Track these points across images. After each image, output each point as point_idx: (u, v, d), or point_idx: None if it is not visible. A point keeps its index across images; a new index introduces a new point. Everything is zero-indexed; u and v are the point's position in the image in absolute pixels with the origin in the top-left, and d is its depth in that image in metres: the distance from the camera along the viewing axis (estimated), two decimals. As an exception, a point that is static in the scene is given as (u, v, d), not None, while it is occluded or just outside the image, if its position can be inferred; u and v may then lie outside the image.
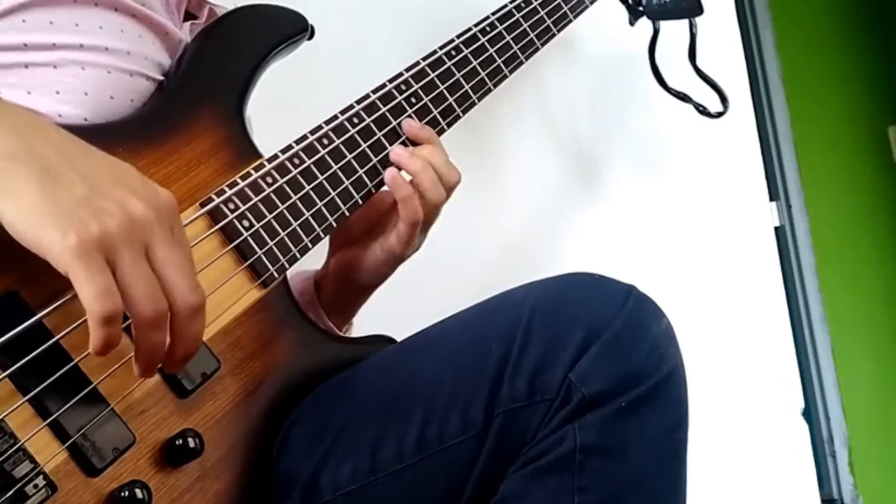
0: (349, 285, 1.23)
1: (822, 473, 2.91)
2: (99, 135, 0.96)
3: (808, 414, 2.12)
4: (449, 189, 1.18)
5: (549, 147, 1.94)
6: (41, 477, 0.81)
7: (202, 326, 0.83)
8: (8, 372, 0.81)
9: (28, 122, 0.81)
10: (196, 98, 1.07)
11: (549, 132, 1.95)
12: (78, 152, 0.82)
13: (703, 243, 2.03)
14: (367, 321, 1.28)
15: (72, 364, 0.85)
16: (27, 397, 0.82)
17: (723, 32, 2.14)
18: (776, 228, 2.20)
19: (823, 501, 2.07)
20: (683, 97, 1.81)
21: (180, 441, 0.90)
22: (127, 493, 0.85)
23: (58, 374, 0.84)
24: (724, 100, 1.80)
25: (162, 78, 1.08)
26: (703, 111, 1.81)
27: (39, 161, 0.77)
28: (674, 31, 1.77)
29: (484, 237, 1.79)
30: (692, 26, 1.77)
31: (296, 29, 1.17)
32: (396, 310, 1.29)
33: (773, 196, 2.19)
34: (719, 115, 1.81)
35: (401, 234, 1.16)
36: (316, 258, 1.12)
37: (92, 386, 0.86)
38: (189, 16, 1.20)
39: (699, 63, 1.77)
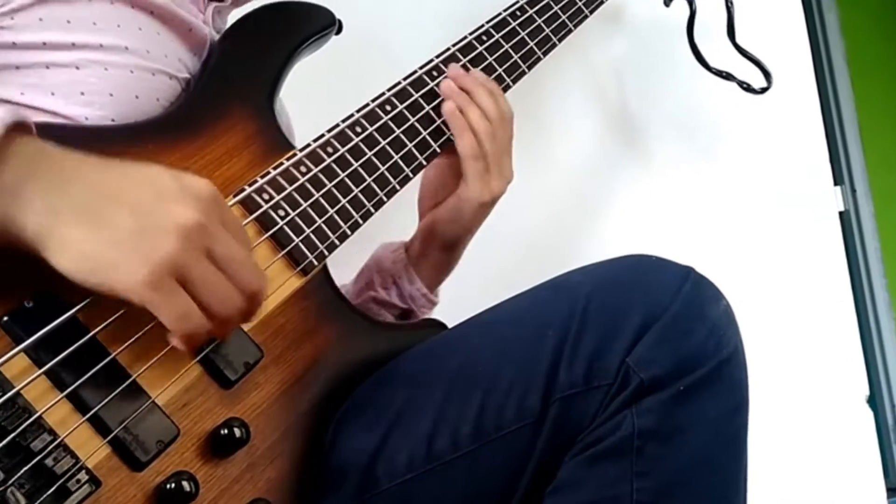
0: (435, 242, 1.22)
1: (888, 462, 2.78)
2: (128, 134, 0.95)
3: (874, 401, 2.02)
4: (504, 115, 1.17)
5: (602, 127, 1.88)
6: (83, 472, 0.78)
7: (258, 306, 0.85)
8: (44, 368, 0.78)
9: (57, 168, 0.78)
10: (226, 93, 1.04)
11: (601, 111, 1.89)
12: (111, 180, 0.79)
13: (765, 228, 1.95)
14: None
15: (109, 358, 0.82)
16: (65, 393, 0.79)
17: (787, 15, 2.07)
18: (841, 213, 2.11)
19: (888, 490, 1.96)
20: (726, 76, 1.74)
21: (225, 430, 0.86)
22: (174, 485, 0.81)
23: (95, 369, 0.81)
24: (766, 75, 1.73)
25: (187, 76, 1.05)
26: (747, 88, 1.73)
27: (80, 206, 0.76)
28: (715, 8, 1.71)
29: (534, 217, 1.73)
30: (729, 3, 1.71)
31: (324, 24, 1.14)
32: (447, 293, 1.24)
33: (837, 180, 2.11)
34: (764, 90, 1.73)
35: (468, 171, 1.15)
36: (355, 247, 1.08)
37: (131, 379, 0.83)
38: None
39: (740, 39, 1.70)
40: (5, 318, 0.79)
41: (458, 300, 1.17)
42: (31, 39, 0.92)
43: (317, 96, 1.22)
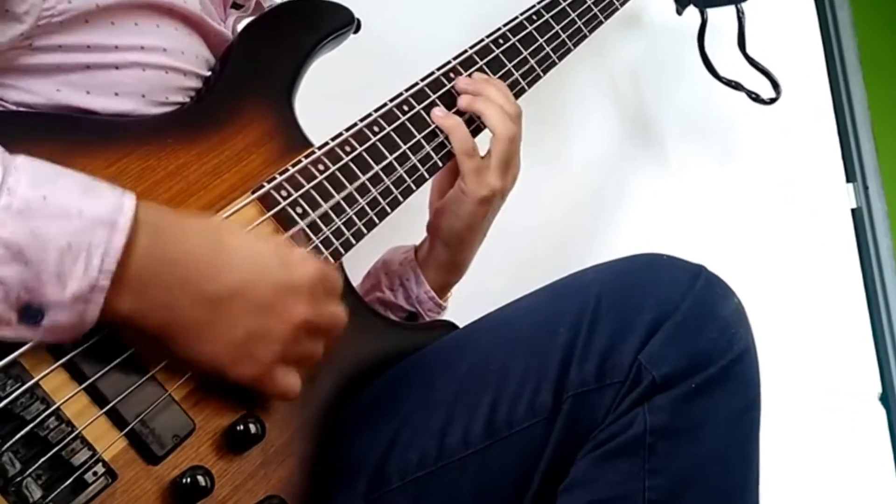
0: (439, 239, 1.20)
1: (900, 460, 2.78)
2: (147, 127, 0.94)
3: (886, 399, 2.02)
4: (510, 113, 1.16)
5: (616, 127, 1.89)
6: (100, 464, 0.77)
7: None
8: (62, 360, 0.78)
9: (192, 262, 0.80)
10: (245, 90, 1.03)
11: (616, 111, 1.89)
12: (235, 277, 0.82)
13: (777, 225, 1.95)
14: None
15: (129, 353, 0.81)
16: (83, 385, 0.78)
17: (799, 13, 2.07)
18: (853, 210, 2.11)
19: (901, 486, 1.97)
20: (735, 85, 1.74)
21: (241, 426, 0.85)
22: (189, 479, 0.80)
23: (114, 363, 0.80)
24: (775, 86, 1.73)
25: (208, 73, 1.04)
26: (755, 98, 1.74)
27: (210, 310, 0.80)
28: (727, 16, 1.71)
29: (547, 217, 1.73)
30: (740, 13, 1.71)
31: (342, 22, 1.13)
32: (460, 291, 1.24)
33: (849, 178, 2.10)
34: (772, 101, 1.73)
35: (462, 167, 1.13)
36: (369, 246, 1.07)
37: (150, 374, 0.82)
38: (235, 6, 1.16)
39: (752, 40, 1.70)
40: (26, 310, 0.78)
41: (470, 299, 1.17)
42: (78, 42, 0.90)
43: (332, 95, 1.22)
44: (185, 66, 0.99)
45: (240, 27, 1.13)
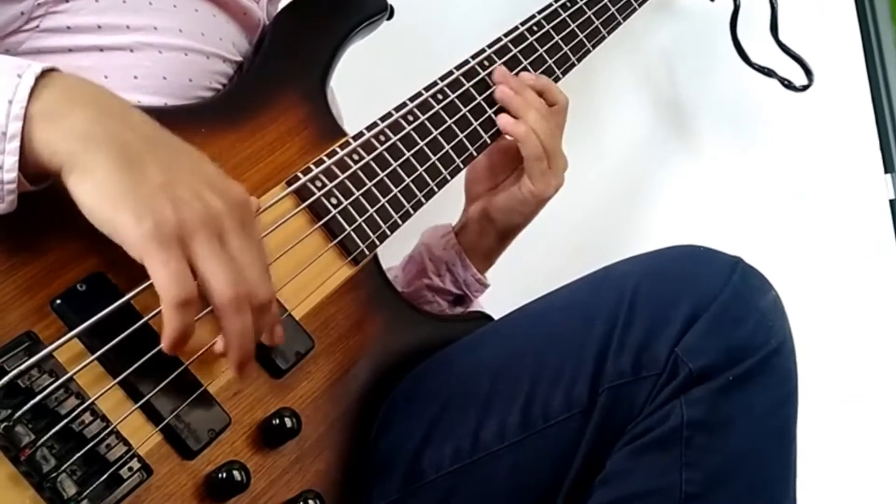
0: (491, 230, 1.20)
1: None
2: (181, 116, 0.92)
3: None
4: (559, 107, 1.16)
5: (651, 116, 1.85)
6: (135, 460, 0.75)
7: (270, 323, 0.78)
8: (97, 354, 0.76)
9: (110, 104, 0.76)
10: (278, 78, 1.01)
11: (650, 100, 1.86)
12: (158, 138, 0.76)
13: (815, 216, 1.91)
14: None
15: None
16: (117, 380, 0.76)
17: (837, 3, 2.02)
18: (891, 201, 2.07)
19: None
20: (768, 72, 1.70)
21: (277, 421, 0.83)
22: (225, 474, 0.79)
23: (148, 356, 0.78)
24: (808, 73, 1.70)
25: (240, 59, 1.02)
26: (788, 85, 1.70)
27: (120, 145, 0.72)
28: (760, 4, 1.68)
29: (582, 208, 1.70)
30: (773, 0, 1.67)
31: (376, 9, 1.10)
32: (494, 286, 1.22)
33: (887, 168, 2.06)
34: (805, 88, 1.70)
35: (532, 171, 1.13)
36: (403, 236, 1.05)
37: (183, 367, 0.80)
38: None
39: (789, 28, 1.67)
40: (58, 302, 0.76)
41: (506, 291, 1.15)
42: (87, 22, 0.88)
43: (366, 83, 1.19)
44: (206, 47, 0.97)
45: (272, 3, 1.11)
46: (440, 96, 1.08)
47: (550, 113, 1.14)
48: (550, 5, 1.24)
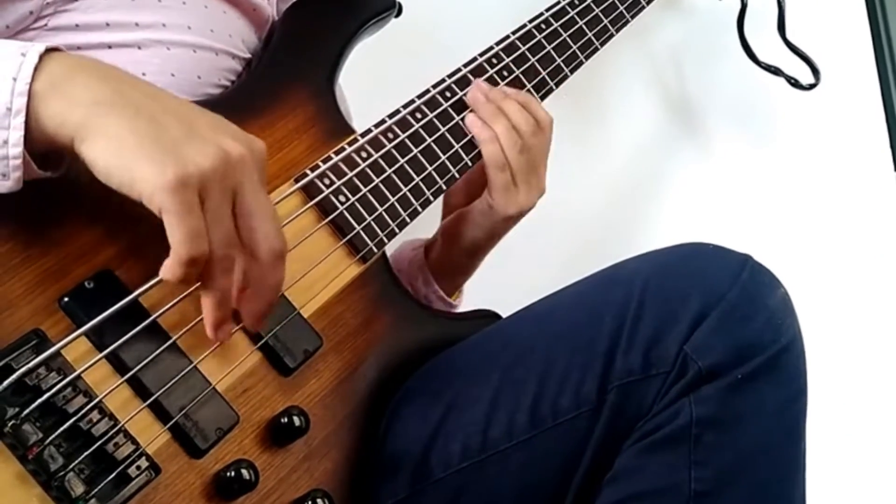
0: (456, 245, 1.16)
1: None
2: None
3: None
4: (540, 125, 1.09)
5: (659, 113, 1.84)
6: (143, 458, 0.74)
7: (282, 275, 0.76)
8: (105, 352, 0.75)
9: (115, 73, 0.74)
10: (286, 75, 1.00)
11: (658, 97, 1.85)
12: (169, 98, 0.75)
13: (824, 214, 1.90)
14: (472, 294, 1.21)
15: (169, 343, 0.78)
16: (125, 377, 0.75)
17: (845, 1, 2.01)
18: (900, 199, 2.07)
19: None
20: (775, 70, 1.70)
21: (285, 419, 0.82)
22: (233, 473, 0.78)
23: (156, 354, 0.77)
24: (815, 72, 1.69)
25: (249, 55, 1.01)
26: (794, 84, 1.70)
27: (131, 105, 0.70)
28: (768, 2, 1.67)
29: (590, 206, 1.69)
30: (780, -2, 1.66)
31: (384, 6, 1.09)
32: (502, 280, 1.21)
33: (897, 167, 2.06)
34: (812, 87, 1.69)
35: (492, 182, 1.07)
36: (410, 233, 1.04)
37: (192, 366, 0.79)
38: None
39: (798, 25, 1.66)
40: (65, 299, 0.75)
41: (514, 288, 1.13)
42: (95, 20, 0.88)
43: (374, 80, 1.19)
44: (215, 44, 0.96)
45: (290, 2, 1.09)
46: (448, 93, 1.07)
47: (531, 131, 1.08)
48: (558, 3, 1.23)
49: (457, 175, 1.05)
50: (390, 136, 1.01)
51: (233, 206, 0.72)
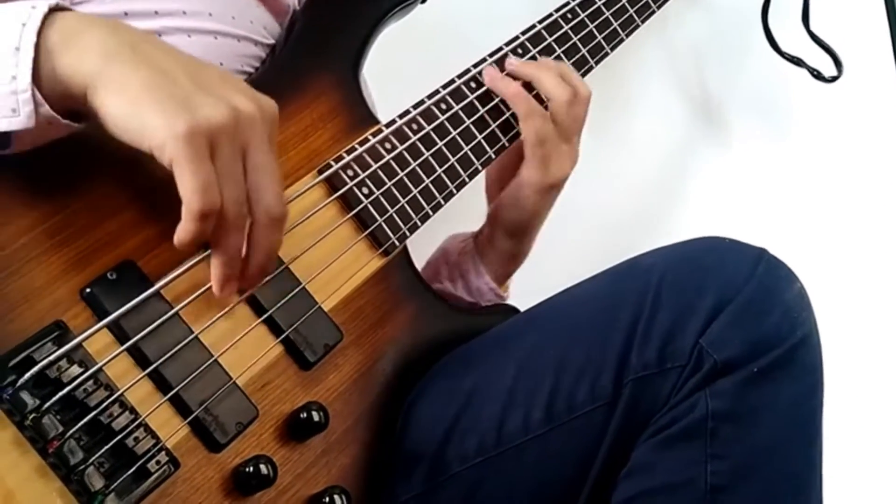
0: (501, 230, 1.14)
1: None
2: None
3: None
4: (579, 96, 1.08)
5: (679, 107, 1.82)
6: (163, 453, 0.73)
7: (280, 239, 0.76)
8: (126, 345, 0.74)
9: (130, 27, 0.74)
10: (310, 63, 0.98)
11: (679, 91, 1.82)
12: (182, 54, 0.74)
13: (842, 209, 1.88)
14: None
15: (192, 337, 0.77)
16: (146, 371, 0.74)
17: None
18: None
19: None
20: (798, 61, 1.67)
21: (305, 414, 0.81)
22: (252, 468, 0.77)
23: (178, 348, 0.76)
24: (838, 64, 1.67)
25: (271, 41, 1.00)
26: (817, 75, 1.67)
27: (143, 57, 0.70)
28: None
29: (608, 199, 1.68)
30: (805, -12, 1.64)
31: (409, -8, 1.07)
32: (520, 276, 1.19)
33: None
34: (834, 79, 1.67)
35: (529, 156, 1.06)
36: (433, 228, 1.03)
37: (213, 359, 0.78)
38: None
39: (817, 20, 1.63)
40: (88, 290, 0.74)
41: (531, 283, 1.12)
42: (114, 10, 0.86)
43: (399, 70, 1.17)
44: (237, 31, 0.95)
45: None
46: (473, 84, 1.06)
47: (565, 99, 1.06)
48: (584, -9, 1.21)
49: (480, 168, 1.04)
50: (415, 127, 0.99)
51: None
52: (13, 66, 0.68)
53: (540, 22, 1.15)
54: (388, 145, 0.96)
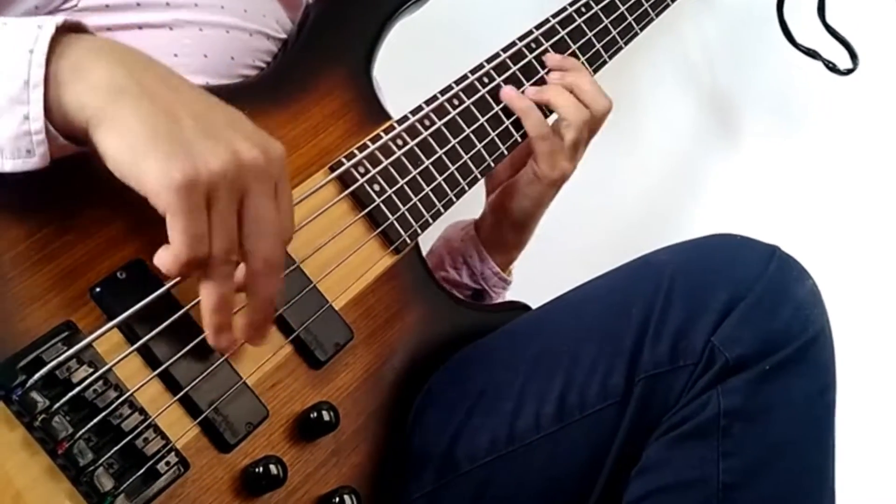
0: (506, 218, 1.14)
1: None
2: (224, 96, 0.87)
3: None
4: (595, 109, 1.08)
5: (692, 104, 1.80)
6: (173, 454, 0.73)
7: (275, 289, 0.72)
8: (136, 345, 0.73)
9: (138, 59, 0.71)
10: (322, 58, 0.97)
11: (692, 88, 1.81)
12: (189, 90, 0.72)
13: (856, 207, 1.86)
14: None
15: (202, 337, 0.76)
16: (156, 371, 0.74)
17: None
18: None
19: None
20: (813, 54, 1.65)
21: (315, 414, 0.81)
22: (262, 468, 0.76)
23: (188, 348, 0.75)
24: (853, 56, 1.65)
25: (284, 36, 0.99)
26: (832, 68, 1.65)
27: (149, 95, 0.68)
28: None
29: (620, 196, 1.67)
30: (822, -21, 1.62)
31: (422, -14, 1.06)
32: (532, 273, 1.18)
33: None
34: (849, 72, 1.65)
35: (538, 151, 1.06)
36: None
37: (223, 359, 0.77)
38: None
39: (832, 15, 1.60)
40: (97, 290, 0.74)
41: (544, 280, 1.11)
42: (125, 0, 0.85)
43: (412, 65, 1.16)
44: (249, 24, 0.94)
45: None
46: (486, 79, 1.04)
47: (586, 116, 1.07)
48: (599, -13, 1.19)
49: (492, 164, 1.03)
50: (427, 122, 0.98)
51: (239, 209, 0.69)
52: (24, 105, 0.66)
53: (554, 16, 1.13)
54: (399, 142, 0.95)
